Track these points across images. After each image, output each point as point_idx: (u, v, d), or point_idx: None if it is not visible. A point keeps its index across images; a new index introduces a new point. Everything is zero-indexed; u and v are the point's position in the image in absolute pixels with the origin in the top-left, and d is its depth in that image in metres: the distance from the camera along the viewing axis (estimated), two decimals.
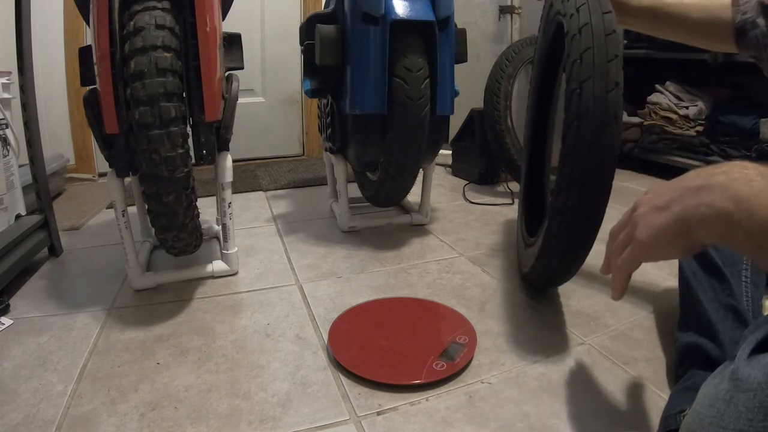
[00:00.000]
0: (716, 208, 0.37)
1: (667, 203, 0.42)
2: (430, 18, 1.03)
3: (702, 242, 0.40)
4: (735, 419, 0.33)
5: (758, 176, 0.37)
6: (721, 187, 0.37)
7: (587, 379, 0.70)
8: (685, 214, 0.40)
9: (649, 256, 0.44)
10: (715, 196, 0.37)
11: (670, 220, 0.41)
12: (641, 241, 0.44)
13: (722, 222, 0.37)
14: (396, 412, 0.63)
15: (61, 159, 1.69)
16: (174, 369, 0.72)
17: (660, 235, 0.42)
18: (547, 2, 0.94)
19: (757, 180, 0.36)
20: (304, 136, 2.32)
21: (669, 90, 1.86)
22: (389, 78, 1.04)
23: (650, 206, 0.44)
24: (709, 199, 0.38)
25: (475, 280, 1.01)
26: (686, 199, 0.40)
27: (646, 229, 0.43)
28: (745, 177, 0.37)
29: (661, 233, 0.42)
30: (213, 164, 0.98)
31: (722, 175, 0.38)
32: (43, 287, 1.00)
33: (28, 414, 0.62)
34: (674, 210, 0.41)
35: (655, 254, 0.44)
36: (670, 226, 0.41)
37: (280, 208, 1.53)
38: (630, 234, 0.46)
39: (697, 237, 0.39)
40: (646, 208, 0.44)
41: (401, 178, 1.14)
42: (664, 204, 0.42)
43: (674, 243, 0.41)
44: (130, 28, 0.75)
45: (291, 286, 1.00)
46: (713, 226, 0.38)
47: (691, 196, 0.40)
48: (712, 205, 0.37)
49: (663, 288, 0.97)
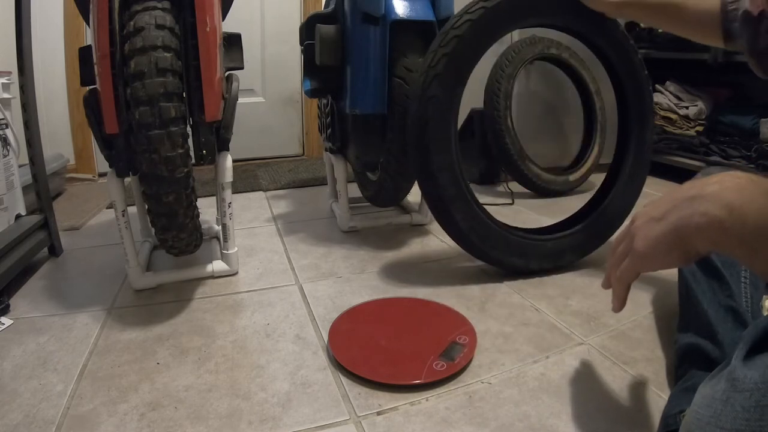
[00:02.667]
0: (710, 217, 0.38)
1: (663, 214, 0.43)
2: (430, 18, 1.03)
3: (698, 251, 0.41)
4: (732, 419, 0.34)
5: (750, 184, 0.38)
6: (714, 196, 0.39)
7: (587, 379, 0.70)
8: (680, 224, 0.41)
9: (647, 266, 0.46)
10: (709, 205, 0.39)
11: (666, 230, 0.42)
12: (639, 251, 0.45)
13: (716, 230, 0.38)
14: (396, 412, 0.63)
15: (61, 159, 1.69)
16: (174, 369, 0.72)
17: (657, 245, 0.43)
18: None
19: (748, 188, 0.38)
20: (304, 136, 2.32)
21: (669, 90, 1.86)
22: (389, 78, 1.04)
23: (647, 218, 0.45)
24: (703, 208, 0.39)
25: (475, 280, 1.01)
26: (681, 209, 0.41)
27: (643, 240, 0.45)
28: (737, 186, 0.38)
29: (657, 243, 0.43)
30: (213, 164, 0.98)
31: (715, 185, 0.39)
32: (43, 287, 1.00)
33: (28, 414, 0.62)
34: (670, 220, 0.42)
35: (653, 264, 0.45)
36: (666, 235, 0.42)
37: (280, 208, 1.53)
38: (628, 246, 0.47)
39: (693, 245, 0.41)
40: (643, 220, 0.46)
41: (401, 178, 1.14)
42: (660, 215, 0.43)
43: (671, 252, 0.43)
44: (130, 28, 0.75)
45: (291, 286, 1.00)
46: (707, 234, 0.39)
47: (685, 206, 0.41)
48: (706, 214, 0.38)
49: (663, 288, 0.97)
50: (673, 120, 1.83)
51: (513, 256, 1.00)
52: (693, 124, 1.79)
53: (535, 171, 1.62)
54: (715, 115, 1.79)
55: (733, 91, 1.86)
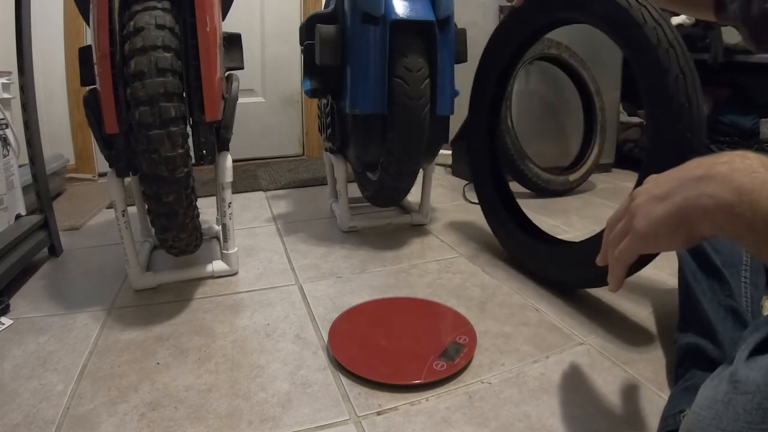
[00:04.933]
0: (718, 200, 0.36)
1: (666, 193, 0.40)
2: (430, 18, 1.03)
3: (702, 234, 0.38)
4: (733, 421, 0.33)
5: (761, 167, 0.35)
6: (723, 178, 0.36)
7: (587, 379, 0.70)
8: (685, 205, 0.38)
9: (648, 247, 0.43)
10: (717, 187, 0.36)
11: (670, 210, 0.40)
12: (639, 231, 0.42)
13: (724, 214, 0.36)
14: (396, 412, 0.63)
15: (61, 159, 1.69)
16: (174, 369, 0.72)
17: (659, 225, 0.41)
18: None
19: (760, 171, 0.35)
20: (304, 136, 2.32)
21: None
22: (389, 78, 1.04)
23: (649, 196, 0.42)
24: (711, 190, 0.36)
25: (475, 280, 1.01)
26: (687, 189, 0.39)
27: (645, 220, 0.42)
28: (748, 168, 0.36)
29: (660, 224, 0.40)
30: (213, 164, 0.98)
31: (724, 165, 0.37)
32: (43, 287, 1.00)
33: (28, 414, 0.62)
34: (674, 200, 0.39)
35: (654, 245, 0.42)
36: (669, 216, 0.40)
37: (280, 208, 1.53)
38: (628, 224, 0.44)
39: (698, 228, 0.38)
40: (644, 198, 0.43)
41: (401, 178, 1.14)
42: (664, 194, 0.41)
43: (673, 234, 0.40)
44: (130, 28, 0.75)
45: (291, 286, 1.00)
46: (714, 218, 0.36)
47: (691, 186, 0.38)
48: (714, 196, 0.36)
49: (663, 288, 0.97)
50: None
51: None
52: None
53: (535, 171, 1.62)
54: (715, 115, 1.79)
55: (733, 91, 1.87)
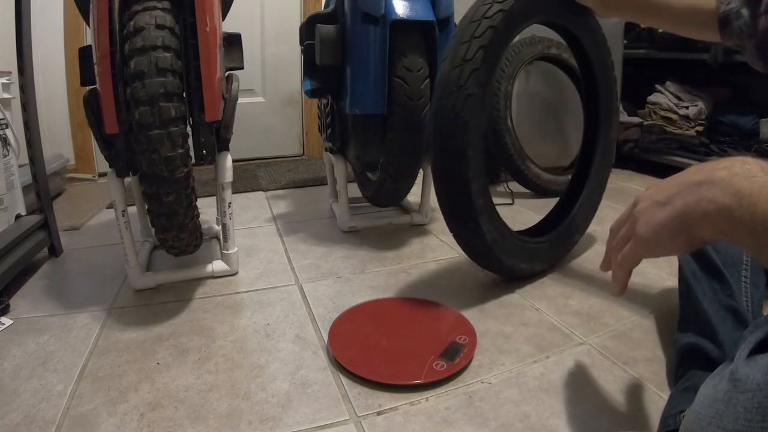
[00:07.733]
0: (718, 204, 0.37)
1: (667, 198, 0.41)
2: (430, 18, 1.03)
3: (703, 238, 0.39)
4: (734, 420, 0.33)
5: (760, 171, 0.36)
6: (722, 183, 0.37)
7: (587, 379, 0.70)
8: (686, 210, 0.39)
9: (650, 252, 0.44)
10: (717, 192, 0.37)
11: (671, 215, 0.41)
12: (642, 236, 0.43)
13: (724, 218, 0.36)
14: (396, 412, 0.63)
15: (61, 159, 1.69)
16: (174, 369, 0.72)
17: (661, 230, 0.41)
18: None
19: (759, 176, 0.36)
20: (304, 136, 2.32)
21: (669, 90, 1.86)
22: (389, 78, 1.04)
23: (651, 202, 0.43)
24: (711, 195, 0.37)
25: (475, 280, 1.01)
26: (687, 194, 0.39)
27: (647, 225, 0.43)
28: (747, 172, 0.36)
29: (661, 229, 0.41)
30: (213, 164, 0.98)
31: (724, 170, 0.38)
32: (43, 287, 1.00)
33: (28, 414, 0.62)
34: (675, 205, 0.40)
35: (656, 250, 0.43)
36: (671, 221, 0.41)
37: (280, 208, 1.53)
38: (630, 230, 0.45)
39: (698, 233, 0.39)
40: (646, 204, 0.44)
41: (401, 178, 1.14)
42: (665, 199, 0.42)
43: (675, 239, 0.41)
44: (130, 28, 0.75)
45: (291, 286, 1.00)
46: (714, 222, 0.37)
47: (692, 191, 0.39)
48: (714, 201, 0.37)
49: (663, 288, 0.97)
50: (673, 120, 1.83)
51: (522, 263, 0.98)
52: (693, 124, 1.79)
53: (535, 171, 1.62)
54: (715, 115, 1.79)
55: (733, 91, 1.87)
